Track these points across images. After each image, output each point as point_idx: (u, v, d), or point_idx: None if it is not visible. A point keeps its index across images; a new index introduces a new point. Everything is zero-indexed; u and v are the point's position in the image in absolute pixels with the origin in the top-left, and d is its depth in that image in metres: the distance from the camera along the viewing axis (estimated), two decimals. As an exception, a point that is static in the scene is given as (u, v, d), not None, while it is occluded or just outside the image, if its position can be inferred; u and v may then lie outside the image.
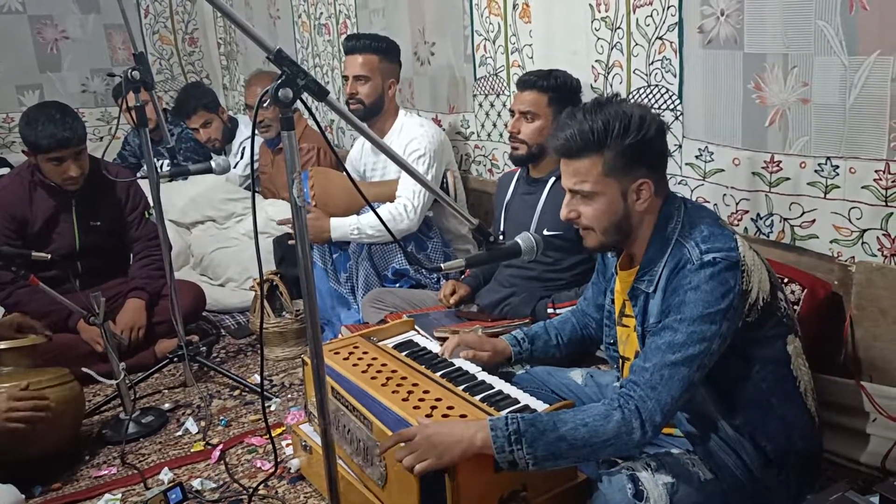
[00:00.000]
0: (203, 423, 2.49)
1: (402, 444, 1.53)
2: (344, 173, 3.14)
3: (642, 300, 1.61)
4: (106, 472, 2.25)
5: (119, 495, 2.13)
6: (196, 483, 2.13)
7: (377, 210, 2.72)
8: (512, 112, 2.50)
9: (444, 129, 3.32)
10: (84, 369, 2.40)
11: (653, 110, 1.64)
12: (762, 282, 1.54)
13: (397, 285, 2.86)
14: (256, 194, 3.88)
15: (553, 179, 2.43)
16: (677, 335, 1.48)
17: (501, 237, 1.71)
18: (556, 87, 2.42)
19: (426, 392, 1.80)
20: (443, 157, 2.99)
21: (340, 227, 2.83)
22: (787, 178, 2.09)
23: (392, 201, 2.86)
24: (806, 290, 1.98)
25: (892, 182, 1.87)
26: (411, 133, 2.95)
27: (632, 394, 1.48)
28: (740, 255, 1.50)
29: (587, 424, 1.46)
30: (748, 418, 1.57)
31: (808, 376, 1.63)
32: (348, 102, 2.98)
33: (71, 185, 2.80)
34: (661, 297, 1.55)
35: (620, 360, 1.77)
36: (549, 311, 2.33)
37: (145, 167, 2.57)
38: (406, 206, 2.81)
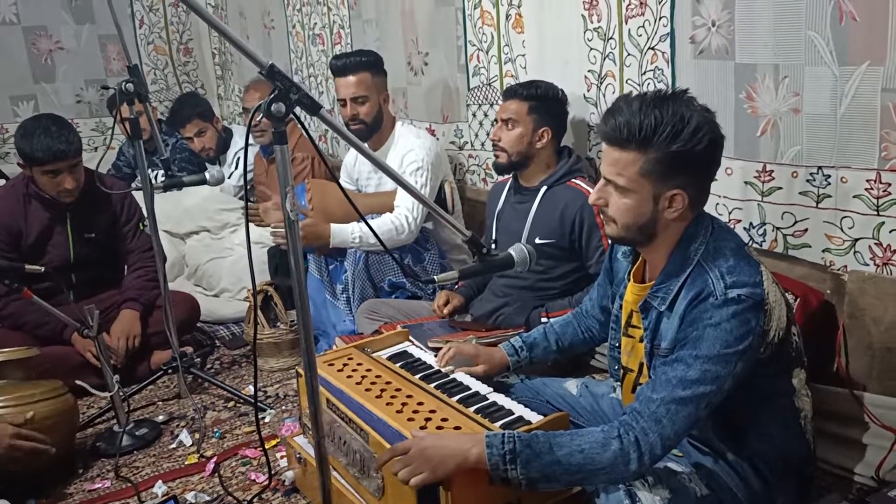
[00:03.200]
0: (197, 436, 2.49)
1: (398, 458, 1.53)
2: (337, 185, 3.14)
3: (654, 316, 1.57)
4: (100, 485, 2.24)
5: (113, 509, 2.12)
6: (190, 496, 2.12)
7: (375, 221, 2.75)
8: (496, 121, 2.52)
9: (437, 139, 3.33)
10: (78, 381, 2.39)
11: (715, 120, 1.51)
12: (780, 319, 1.49)
13: (393, 297, 2.86)
14: (250, 204, 3.92)
15: (544, 189, 2.44)
16: (690, 371, 1.44)
17: (494, 246, 1.70)
18: (536, 97, 2.44)
19: (420, 404, 1.80)
20: (439, 169, 2.99)
21: (341, 233, 2.82)
22: (780, 188, 2.10)
23: (387, 211, 2.87)
24: (798, 300, 1.98)
25: (884, 191, 1.88)
26: (408, 144, 2.95)
27: (634, 424, 1.45)
28: (764, 293, 1.45)
29: (583, 451, 1.44)
30: (749, 446, 1.57)
31: (809, 405, 1.61)
32: (348, 125, 2.96)
33: (66, 198, 2.80)
34: (677, 322, 1.50)
35: (622, 371, 1.75)
36: (543, 320, 2.33)
37: (139, 178, 2.56)
38: (406, 216, 2.81)
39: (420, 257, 2.92)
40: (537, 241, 2.38)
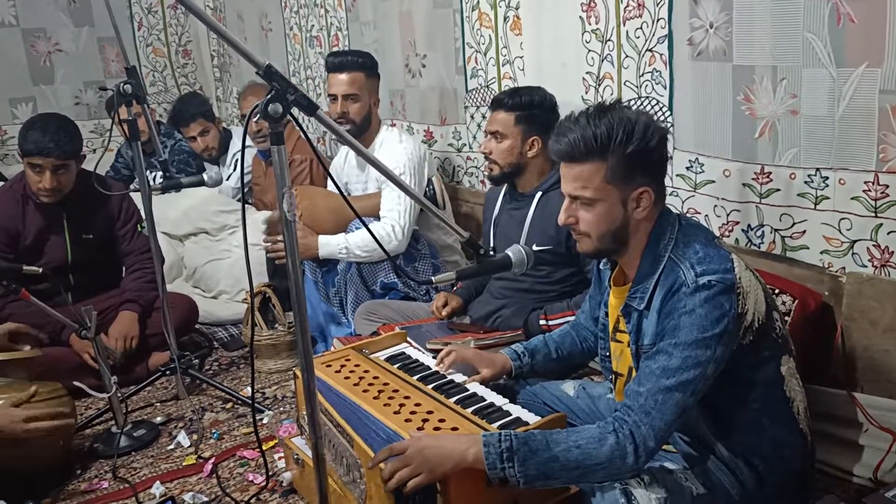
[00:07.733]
0: (195, 437, 2.48)
1: (396, 458, 1.53)
2: (329, 190, 3.13)
3: (635, 317, 1.59)
4: (97, 486, 2.24)
5: (110, 510, 2.12)
6: (188, 497, 2.12)
7: (359, 235, 2.73)
8: (486, 133, 2.50)
9: (435, 141, 3.33)
10: (76, 383, 2.39)
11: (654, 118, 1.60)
12: (758, 303, 1.52)
13: (387, 298, 2.85)
14: (248, 206, 3.92)
15: (539, 194, 2.42)
16: (671, 360, 1.46)
17: (492, 252, 1.70)
18: (521, 106, 2.39)
19: (418, 405, 1.79)
20: (424, 172, 2.97)
21: (328, 245, 2.82)
22: (778, 189, 2.10)
23: (376, 214, 2.85)
24: (797, 301, 1.98)
25: (882, 193, 1.88)
26: (390, 150, 2.92)
27: (626, 418, 1.46)
28: (736, 277, 1.48)
29: (580, 447, 1.45)
30: (741, 439, 1.57)
31: (801, 395, 1.61)
32: (337, 122, 2.95)
33: (44, 197, 2.77)
34: (655, 318, 1.53)
35: (613, 376, 1.76)
36: (542, 322, 2.32)
37: (138, 180, 2.56)
38: (394, 226, 2.79)
39: (412, 258, 2.91)
40: (534, 247, 2.36)
